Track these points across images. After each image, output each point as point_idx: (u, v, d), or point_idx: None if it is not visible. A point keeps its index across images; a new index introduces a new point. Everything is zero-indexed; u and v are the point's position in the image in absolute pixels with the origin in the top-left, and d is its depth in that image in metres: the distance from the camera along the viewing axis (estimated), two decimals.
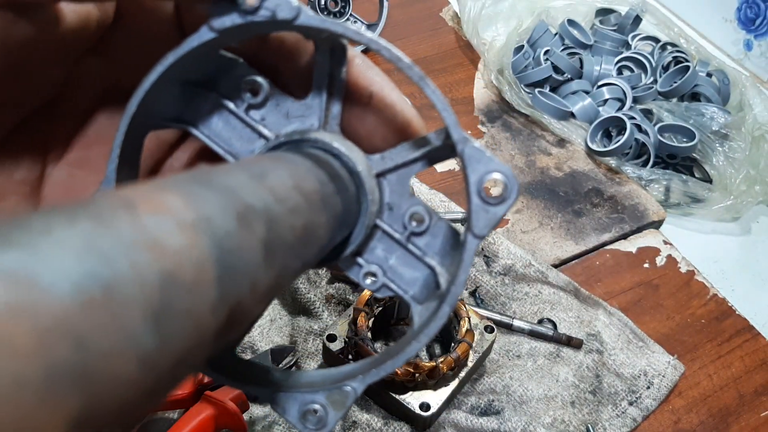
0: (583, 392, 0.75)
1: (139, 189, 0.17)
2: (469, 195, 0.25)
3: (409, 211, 0.29)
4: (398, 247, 0.29)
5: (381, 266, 0.29)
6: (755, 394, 0.79)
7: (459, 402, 0.72)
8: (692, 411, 0.77)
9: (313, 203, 0.23)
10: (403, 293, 0.29)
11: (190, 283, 0.16)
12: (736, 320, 0.86)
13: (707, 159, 1.04)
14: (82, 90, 0.29)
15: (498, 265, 0.84)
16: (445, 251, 0.29)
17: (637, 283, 0.89)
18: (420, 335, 0.26)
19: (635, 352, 0.80)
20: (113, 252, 0.14)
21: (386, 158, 0.29)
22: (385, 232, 0.29)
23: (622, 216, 0.96)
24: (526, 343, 0.78)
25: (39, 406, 0.12)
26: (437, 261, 0.29)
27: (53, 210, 0.15)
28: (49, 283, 0.13)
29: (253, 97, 0.28)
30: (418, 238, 0.29)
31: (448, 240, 0.29)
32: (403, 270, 0.29)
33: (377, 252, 0.29)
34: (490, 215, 0.25)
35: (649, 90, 1.13)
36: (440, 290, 0.28)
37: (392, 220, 0.29)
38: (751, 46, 1.30)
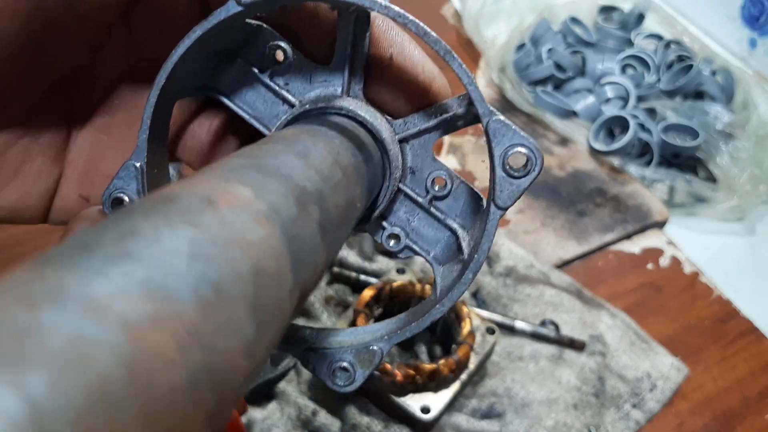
0: (585, 395, 0.74)
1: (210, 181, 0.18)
2: (494, 167, 0.26)
3: (432, 175, 0.30)
4: (420, 210, 0.30)
5: (404, 228, 0.30)
6: (760, 397, 0.78)
7: (460, 405, 0.71)
8: (696, 414, 0.76)
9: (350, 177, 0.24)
10: (425, 254, 0.30)
11: (274, 272, 0.18)
12: (740, 322, 0.85)
13: (711, 158, 1.03)
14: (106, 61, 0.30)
15: (500, 266, 0.83)
16: (467, 215, 0.30)
17: (641, 284, 0.88)
18: (444, 300, 0.27)
19: (638, 354, 0.79)
20: (214, 253, 0.15)
21: (408, 124, 0.29)
22: (407, 196, 0.30)
23: (625, 216, 0.96)
24: (528, 345, 0.77)
25: (188, 409, 0.13)
26: (459, 224, 0.30)
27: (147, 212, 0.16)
28: (175, 291, 0.14)
29: (277, 63, 0.29)
30: (440, 202, 0.30)
31: (469, 204, 0.30)
32: (425, 232, 0.30)
33: (400, 214, 0.30)
34: (514, 188, 0.26)
35: (652, 88, 1.12)
36: (462, 255, 0.29)
37: (415, 183, 0.30)
38: (755, 44, 1.29)
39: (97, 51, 0.29)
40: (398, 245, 0.30)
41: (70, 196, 0.31)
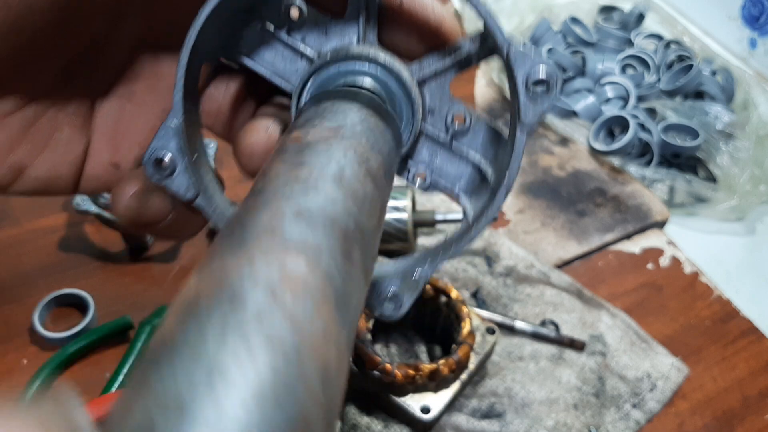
0: (585, 395, 0.74)
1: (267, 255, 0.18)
2: (518, 91, 0.28)
3: (451, 113, 0.31)
4: (442, 148, 0.32)
5: (429, 166, 0.32)
6: (760, 397, 0.78)
7: (460, 405, 0.71)
8: (696, 414, 0.76)
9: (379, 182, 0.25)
10: (451, 188, 0.32)
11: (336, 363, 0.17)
12: (740, 322, 0.85)
13: (711, 158, 1.03)
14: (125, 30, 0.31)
15: (500, 266, 0.83)
16: (487, 148, 0.32)
17: (641, 284, 0.88)
18: (480, 219, 0.30)
19: (639, 354, 0.79)
20: (295, 384, 0.15)
21: (424, 66, 0.31)
22: (429, 136, 0.32)
23: (626, 216, 0.96)
24: (528, 345, 0.77)
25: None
26: (480, 157, 0.32)
27: (221, 326, 0.15)
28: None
29: (293, 20, 0.31)
30: (460, 138, 0.32)
31: (489, 137, 0.32)
32: (449, 168, 0.32)
33: (423, 154, 0.32)
34: (538, 107, 0.28)
35: (652, 88, 1.12)
36: (489, 183, 0.31)
37: (435, 123, 0.32)
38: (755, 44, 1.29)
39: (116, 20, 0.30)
40: (425, 183, 0.32)
41: (100, 165, 0.32)
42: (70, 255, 0.82)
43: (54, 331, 0.72)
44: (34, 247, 0.82)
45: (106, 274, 0.80)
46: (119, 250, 0.82)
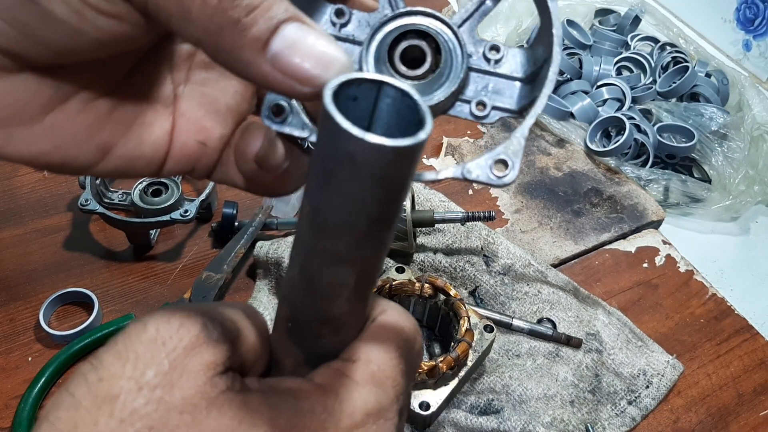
0: (582, 391, 0.75)
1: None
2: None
3: (486, 47, 0.36)
4: (490, 77, 0.36)
5: (484, 95, 0.36)
6: (754, 394, 0.79)
7: (458, 401, 0.72)
8: (691, 410, 0.77)
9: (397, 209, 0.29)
10: (509, 106, 0.36)
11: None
12: (734, 320, 0.87)
13: (706, 159, 1.05)
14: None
15: (497, 264, 0.84)
16: (525, 62, 0.36)
17: (636, 283, 0.89)
18: (543, 88, 0.32)
19: (634, 351, 0.80)
20: None
21: (454, 18, 0.35)
22: (476, 70, 0.36)
23: (622, 216, 0.97)
24: (526, 343, 0.78)
25: None
26: (521, 72, 0.36)
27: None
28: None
29: (340, 19, 0.35)
30: (500, 64, 0.36)
31: (523, 55, 0.36)
32: (501, 91, 0.36)
33: (473, 87, 0.36)
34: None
35: (648, 90, 1.13)
36: (538, 75, 0.34)
37: (476, 60, 0.36)
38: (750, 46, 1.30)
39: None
40: (485, 110, 0.35)
41: (187, 144, 0.35)
42: (75, 254, 0.83)
43: (59, 329, 0.73)
44: (39, 246, 0.83)
45: (111, 273, 0.81)
46: (123, 248, 0.84)
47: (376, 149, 0.25)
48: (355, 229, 0.28)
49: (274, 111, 0.33)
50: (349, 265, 0.30)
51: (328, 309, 0.32)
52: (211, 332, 0.30)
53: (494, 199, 0.97)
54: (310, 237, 0.29)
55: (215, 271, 0.78)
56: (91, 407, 0.27)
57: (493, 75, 0.36)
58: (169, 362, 0.28)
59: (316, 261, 0.30)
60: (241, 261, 0.82)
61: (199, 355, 0.29)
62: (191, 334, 0.29)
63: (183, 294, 0.78)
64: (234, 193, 0.90)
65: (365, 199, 0.27)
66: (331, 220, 0.28)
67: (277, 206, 0.87)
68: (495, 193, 0.98)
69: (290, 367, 0.35)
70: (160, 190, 0.81)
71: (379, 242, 0.30)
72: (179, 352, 0.29)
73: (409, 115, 0.28)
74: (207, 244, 0.85)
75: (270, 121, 0.33)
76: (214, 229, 0.85)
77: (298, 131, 0.34)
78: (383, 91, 0.28)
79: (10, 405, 0.68)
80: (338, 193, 0.27)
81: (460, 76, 0.34)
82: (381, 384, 0.32)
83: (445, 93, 0.35)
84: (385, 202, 0.27)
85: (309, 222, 0.29)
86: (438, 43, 0.35)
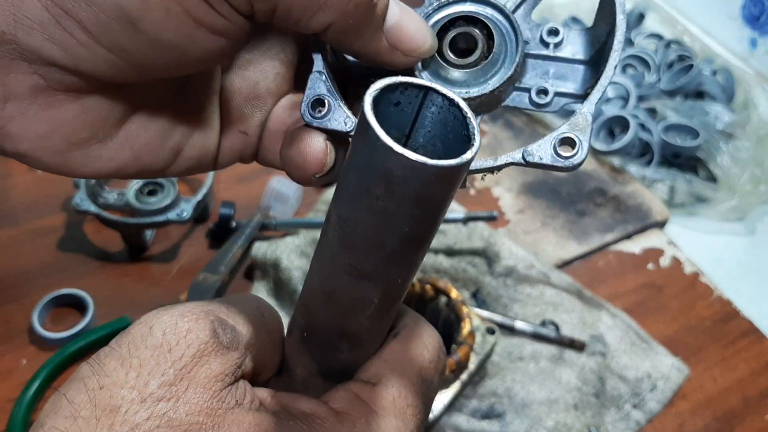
0: (586, 395, 0.74)
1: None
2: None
3: (544, 30, 0.34)
4: (550, 62, 0.34)
5: (545, 81, 0.34)
6: (760, 397, 0.78)
7: (460, 405, 0.71)
8: (696, 414, 0.76)
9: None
10: (574, 91, 0.34)
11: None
12: (740, 322, 0.85)
13: (712, 158, 1.03)
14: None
15: (500, 266, 0.83)
16: (585, 46, 0.34)
17: (641, 285, 0.88)
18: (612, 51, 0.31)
19: (639, 354, 0.79)
20: None
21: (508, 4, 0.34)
22: (534, 56, 0.34)
23: (626, 216, 0.95)
24: (529, 345, 0.77)
25: None
26: (584, 54, 0.34)
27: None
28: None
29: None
30: (561, 48, 0.34)
31: (584, 37, 0.34)
32: (564, 76, 0.34)
33: (532, 75, 0.34)
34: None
35: (653, 88, 1.12)
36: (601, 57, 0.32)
37: (533, 46, 0.34)
38: (755, 43, 1.29)
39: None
40: (547, 97, 0.34)
41: (232, 135, 0.36)
42: (70, 255, 0.81)
43: (53, 331, 0.72)
44: (33, 247, 0.82)
45: (106, 274, 0.80)
46: (118, 249, 0.82)
47: (415, 168, 0.23)
48: (385, 247, 0.26)
49: (314, 106, 0.33)
50: (374, 282, 0.28)
51: (348, 324, 0.30)
52: (221, 338, 0.28)
53: (496, 200, 0.96)
54: (335, 248, 0.28)
55: (212, 272, 0.77)
56: (89, 418, 0.26)
57: (554, 60, 0.34)
58: (175, 372, 0.27)
59: (339, 274, 0.28)
60: (238, 262, 0.80)
61: (207, 365, 0.28)
62: (199, 341, 0.28)
63: (179, 295, 0.76)
64: (231, 193, 0.89)
65: (399, 217, 0.25)
66: (360, 235, 0.26)
67: (274, 206, 0.86)
68: (497, 194, 0.97)
69: (301, 375, 0.34)
70: (155, 189, 0.80)
71: (409, 262, 0.28)
72: (186, 360, 0.27)
73: (455, 128, 0.26)
74: (204, 245, 0.84)
75: (312, 118, 0.32)
76: (210, 229, 0.84)
77: (341, 125, 0.32)
78: (429, 98, 0.27)
79: (5, 408, 0.67)
80: (370, 208, 0.25)
81: (517, 61, 0.33)
82: (402, 414, 0.30)
83: (500, 79, 0.32)
84: (420, 222, 0.25)
85: (336, 233, 0.27)
86: (490, 28, 0.33)
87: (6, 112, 0.29)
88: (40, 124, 0.30)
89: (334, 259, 0.28)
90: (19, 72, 0.28)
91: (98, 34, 0.28)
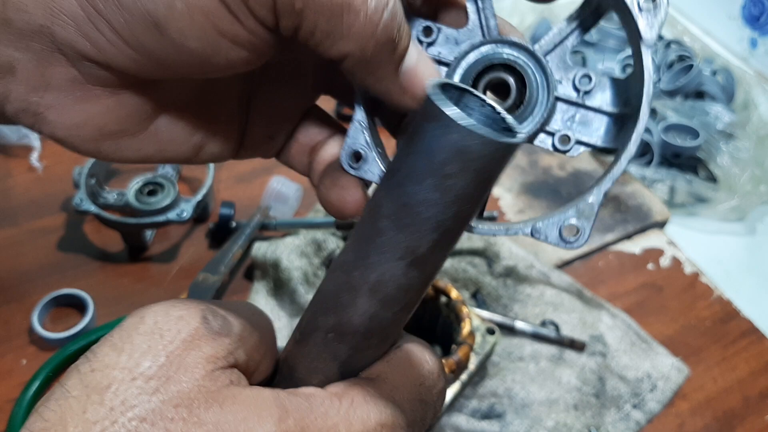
0: (586, 395, 0.74)
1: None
2: (633, 16, 0.33)
3: (578, 75, 0.35)
4: (577, 108, 0.36)
5: (569, 128, 0.36)
6: (760, 397, 0.78)
7: (460, 405, 0.71)
8: (697, 414, 0.76)
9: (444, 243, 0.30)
10: (594, 142, 0.36)
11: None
12: (741, 322, 0.85)
13: (712, 158, 1.03)
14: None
15: (500, 266, 0.83)
16: (615, 97, 0.35)
17: (641, 285, 0.88)
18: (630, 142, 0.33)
19: (639, 354, 0.79)
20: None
21: (542, 43, 0.36)
22: (563, 100, 0.36)
23: (626, 216, 0.95)
24: (529, 346, 0.77)
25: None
26: (612, 106, 0.35)
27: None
28: None
29: (428, 37, 0.36)
30: (590, 96, 0.35)
31: (615, 88, 0.35)
32: (588, 124, 0.36)
33: (559, 119, 0.36)
34: (654, 20, 0.33)
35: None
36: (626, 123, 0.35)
37: (564, 88, 0.36)
38: (755, 43, 1.29)
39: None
40: (569, 144, 0.36)
41: (257, 136, 0.39)
42: (69, 255, 0.81)
43: (53, 332, 0.72)
44: (33, 247, 0.82)
45: (106, 274, 0.80)
46: (118, 250, 0.82)
47: (491, 144, 0.25)
48: (441, 227, 0.28)
49: (353, 157, 0.35)
50: (422, 268, 0.30)
51: (384, 316, 0.31)
52: (212, 325, 0.29)
53: (496, 200, 0.96)
54: (390, 236, 0.29)
55: (212, 272, 0.77)
56: (80, 396, 0.26)
57: (582, 107, 0.36)
58: (167, 354, 0.27)
59: (391, 261, 0.29)
60: (238, 262, 0.80)
61: (197, 349, 0.28)
62: (190, 327, 0.28)
63: (179, 295, 0.76)
64: (231, 193, 0.89)
65: (464, 195, 0.27)
66: (421, 217, 0.28)
67: (274, 206, 0.86)
68: (497, 194, 0.97)
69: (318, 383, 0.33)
70: (155, 189, 0.80)
71: (452, 244, 0.30)
72: (177, 344, 0.28)
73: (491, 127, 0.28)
74: (203, 245, 0.84)
75: (350, 167, 0.35)
76: (210, 229, 0.84)
77: (375, 178, 0.35)
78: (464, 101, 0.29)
79: (4, 408, 0.67)
80: (438, 187, 0.27)
81: (545, 113, 0.34)
82: (399, 404, 0.31)
83: (531, 127, 0.34)
84: (476, 200, 0.28)
85: (391, 220, 0.28)
86: (524, 77, 0.34)
87: (45, 100, 0.32)
88: (76, 115, 0.33)
89: (387, 247, 0.29)
90: (59, 65, 0.31)
91: (126, 35, 0.30)
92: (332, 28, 0.29)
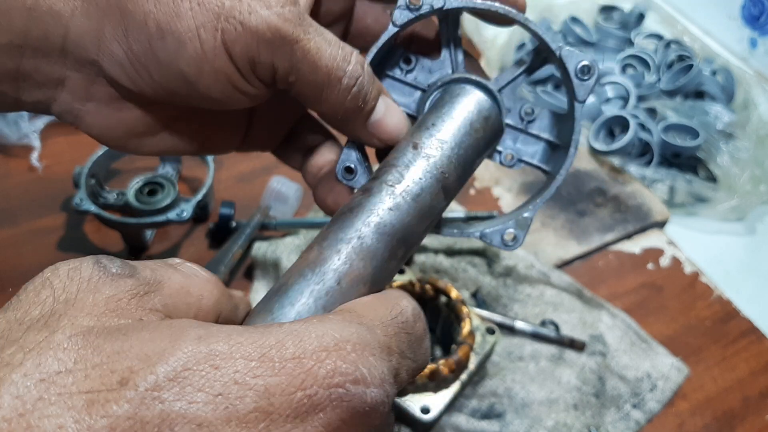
0: (586, 395, 0.74)
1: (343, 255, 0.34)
2: (571, 79, 0.41)
3: (523, 108, 0.44)
4: (521, 133, 0.45)
5: (513, 149, 0.45)
6: (760, 397, 0.78)
7: (460, 405, 0.71)
8: (697, 414, 0.76)
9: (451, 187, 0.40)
10: (531, 161, 0.45)
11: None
12: (740, 322, 0.85)
13: (712, 158, 1.03)
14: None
15: (500, 266, 0.83)
16: (552, 126, 0.45)
17: (641, 285, 0.88)
18: (560, 172, 0.42)
19: (639, 354, 0.79)
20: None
21: (498, 80, 0.44)
22: (510, 126, 0.45)
23: (626, 216, 0.95)
24: (528, 345, 0.77)
25: None
26: (548, 134, 0.45)
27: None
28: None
29: (408, 66, 0.45)
30: (531, 124, 0.45)
31: (552, 119, 0.45)
32: (527, 147, 0.45)
33: (508, 141, 0.45)
34: (586, 85, 0.41)
35: (652, 88, 1.12)
36: (559, 148, 0.44)
37: (512, 117, 0.45)
38: (755, 43, 1.29)
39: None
40: (513, 161, 0.45)
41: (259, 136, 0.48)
42: (70, 255, 0.80)
43: None
44: (33, 247, 0.82)
45: None
46: (119, 249, 0.82)
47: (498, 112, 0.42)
48: (466, 163, 0.40)
49: (346, 171, 0.43)
50: (447, 193, 0.38)
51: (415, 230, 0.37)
52: (109, 269, 0.28)
53: (496, 199, 0.96)
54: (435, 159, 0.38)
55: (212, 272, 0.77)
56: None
57: (523, 132, 0.45)
58: (59, 299, 0.26)
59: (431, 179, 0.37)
60: (238, 262, 0.80)
61: (96, 291, 0.27)
62: (83, 273, 0.27)
63: None
64: (231, 193, 0.89)
65: (481, 142, 0.40)
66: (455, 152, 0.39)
67: (275, 206, 0.86)
68: (497, 193, 0.97)
69: None
70: (155, 189, 0.80)
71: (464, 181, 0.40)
72: (71, 290, 0.27)
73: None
74: (204, 245, 0.84)
75: (344, 179, 0.43)
76: (210, 229, 0.84)
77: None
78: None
79: None
80: (470, 136, 0.40)
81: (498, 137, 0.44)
82: (369, 327, 0.29)
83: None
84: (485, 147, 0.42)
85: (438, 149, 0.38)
86: None
87: (86, 107, 0.41)
88: (109, 120, 0.42)
89: (430, 168, 0.38)
90: (101, 85, 0.40)
91: (161, 81, 0.38)
92: (314, 95, 0.39)
